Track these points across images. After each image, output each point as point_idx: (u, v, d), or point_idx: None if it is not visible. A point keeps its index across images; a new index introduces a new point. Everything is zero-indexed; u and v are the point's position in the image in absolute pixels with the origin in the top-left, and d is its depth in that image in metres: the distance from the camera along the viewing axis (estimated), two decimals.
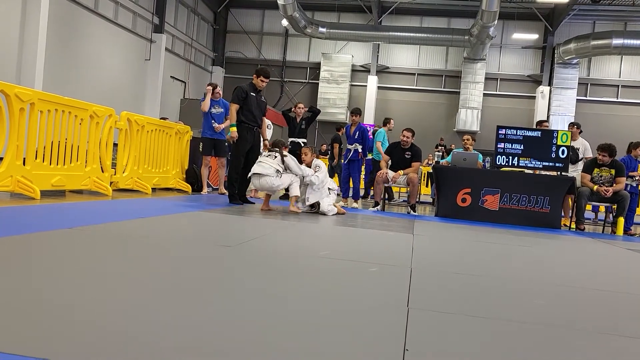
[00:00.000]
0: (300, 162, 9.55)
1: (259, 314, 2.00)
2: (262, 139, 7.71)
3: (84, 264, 2.65)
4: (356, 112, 9.56)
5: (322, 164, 7.16)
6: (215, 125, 8.81)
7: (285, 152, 6.84)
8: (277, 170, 6.56)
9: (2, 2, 13.91)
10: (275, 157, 6.67)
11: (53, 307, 1.86)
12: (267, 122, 9.16)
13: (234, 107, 7.18)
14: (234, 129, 7.16)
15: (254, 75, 7.41)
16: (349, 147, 9.44)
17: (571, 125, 9.62)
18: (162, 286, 2.31)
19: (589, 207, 9.37)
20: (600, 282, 3.65)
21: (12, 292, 2.00)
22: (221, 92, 9.33)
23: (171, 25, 22.99)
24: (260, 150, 7.61)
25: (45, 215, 4.42)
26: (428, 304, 2.43)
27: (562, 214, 8.71)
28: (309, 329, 1.90)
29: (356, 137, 9.39)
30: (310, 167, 7.02)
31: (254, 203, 7.40)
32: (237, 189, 7.27)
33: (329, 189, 6.98)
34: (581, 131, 9.60)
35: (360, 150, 9.47)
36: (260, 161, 6.67)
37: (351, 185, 9.52)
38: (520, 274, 3.61)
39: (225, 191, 9.34)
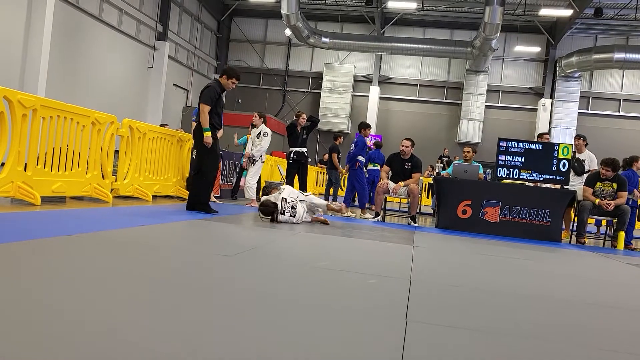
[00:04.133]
0: (305, 172, 9.62)
1: (255, 325, 1.99)
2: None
3: (83, 272, 2.65)
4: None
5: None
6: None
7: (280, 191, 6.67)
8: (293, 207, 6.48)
9: (7, 9, 14.01)
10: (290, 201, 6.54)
11: (53, 315, 1.85)
12: (266, 129, 9.16)
13: (207, 109, 6.46)
14: (209, 134, 6.46)
15: (224, 76, 6.72)
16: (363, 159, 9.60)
17: (577, 137, 9.56)
18: (161, 296, 2.31)
19: (591, 220, 9.32)
20: (600, 296, 3.63)
21: (10, 299, 2.00)
22: None
23: (175, 33, 23.10)
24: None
25: (45, 222, 4.41)
26: (426, 317, 2.42)
27: (563, 226, 8.69)
28: (304, 340, 1.89)
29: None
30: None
31: (217, 212, 6.74)
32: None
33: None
34: (587, 143, 9.56)
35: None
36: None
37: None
38: (519, 288, 3.59)
39: (215, 199, 9.29)
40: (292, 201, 6.44)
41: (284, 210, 6.33)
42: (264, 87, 27.87)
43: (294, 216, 6.43)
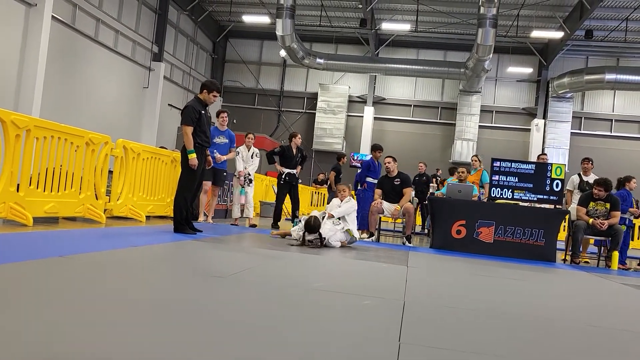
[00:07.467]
0: (296, 192, 9.69)
1: (248, 345, 1.97)
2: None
3: (73, 294, 2.62)
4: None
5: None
6: (217, 155, 8.64)
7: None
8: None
9: (3, 29, 14.07)
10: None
11: (44, 341, 1.83)
12: (257, 150, 9.38)
13: (189, 130, 6.39)
14: (193, 155, 6.35)
15: (204, 91, 6.60)
16: (373, 181, 9.61)
17: (587, 160, 9.37)
18: (155, 318, 2.28)
19: (592, 241, 9.30)
20: (595, 318, 3.62)
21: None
22: (226, 119, 9.13)
23: (170, 54, 23.23)
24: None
25: (36, 243, 4.38)
26: (420, 339, 2.41)
27: (563, 247, 8.71)
28: None
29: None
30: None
31: (201, 231, 6.72)
32: (185, 217, 6.55)
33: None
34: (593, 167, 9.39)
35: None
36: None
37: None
38: (513, 309, 3.58)
39: (211, 220, 9.24)
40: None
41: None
42: (259, 107, 27.99)
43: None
